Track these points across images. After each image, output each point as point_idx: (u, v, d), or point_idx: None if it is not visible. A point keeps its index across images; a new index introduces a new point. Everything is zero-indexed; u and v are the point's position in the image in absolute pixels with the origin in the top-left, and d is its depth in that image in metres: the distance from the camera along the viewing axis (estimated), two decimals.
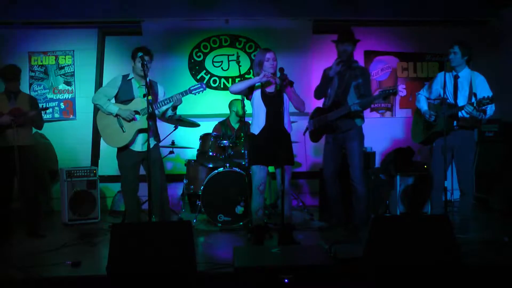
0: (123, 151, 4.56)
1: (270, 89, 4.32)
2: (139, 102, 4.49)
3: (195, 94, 4.55)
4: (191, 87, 4.54)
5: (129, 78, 4.59)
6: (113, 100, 4.59)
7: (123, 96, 4.55)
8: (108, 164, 6.26)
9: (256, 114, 4.29)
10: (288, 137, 4.32)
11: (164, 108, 4.61)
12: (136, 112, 4.48)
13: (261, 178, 4.30)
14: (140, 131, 4.50)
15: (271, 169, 4.59)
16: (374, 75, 6.74)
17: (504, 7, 6.41)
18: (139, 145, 4.54)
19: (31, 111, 4.83)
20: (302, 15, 6.51)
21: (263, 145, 4.23)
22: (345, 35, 4.86)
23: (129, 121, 4.47)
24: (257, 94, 4.30)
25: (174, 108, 4.59)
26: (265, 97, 4.27)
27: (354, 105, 4.63)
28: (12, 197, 4.87)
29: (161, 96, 4.68)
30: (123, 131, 4.50)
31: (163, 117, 4.80)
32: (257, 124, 4.27)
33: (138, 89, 4.57)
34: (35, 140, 5.23)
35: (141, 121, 4.46)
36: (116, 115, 4.48)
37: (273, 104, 4.21)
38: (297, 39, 6.56)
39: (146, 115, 4.29)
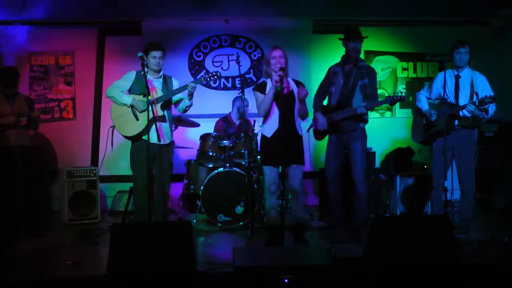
0: (137, 143, 4.53)
1: (284, 90, 4.35)
2: (153, 93, 4.51)
3: (211, 81, 4.65)
4: (205, 75, 4.60)
5: (142, 72, 4.55)
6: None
7: (137, 89, 4.56)
8: (108, 164, 6.27)
9: (269, 115, 4.33)
10: (299, 138, 4.39)
11: (179, 95, 4.63)
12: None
13: (272, 178, 4.35)
14: (155, 119, 4.46)
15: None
16: None
17: (504, 7, 6.40)
18: (154, 137, 4.42)
19: (33, 112, 4.91)
20: (302, 15, 6.50)
21: (275, 147, 4.28)
22: (355, 33, 4.83)
23: (142, 111, 4.45)
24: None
25: (191, 96, 4.58)
26: (278, 99, 4.29)
27: (360, 108, 4.61)
28: (13, 197, 4.86)
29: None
30: (137, 120, 4.50)
31: (179, 110, 4.78)
32: (270, 126, 4.33)
33: (153, 81, 4.60)
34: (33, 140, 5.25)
35: (156, 110, 4.47)
36: (130, 106, 4.50)
37: (286, 106, 4.29)
38: (297, 39, 6.55)
39: (161, 103, 4.43)
